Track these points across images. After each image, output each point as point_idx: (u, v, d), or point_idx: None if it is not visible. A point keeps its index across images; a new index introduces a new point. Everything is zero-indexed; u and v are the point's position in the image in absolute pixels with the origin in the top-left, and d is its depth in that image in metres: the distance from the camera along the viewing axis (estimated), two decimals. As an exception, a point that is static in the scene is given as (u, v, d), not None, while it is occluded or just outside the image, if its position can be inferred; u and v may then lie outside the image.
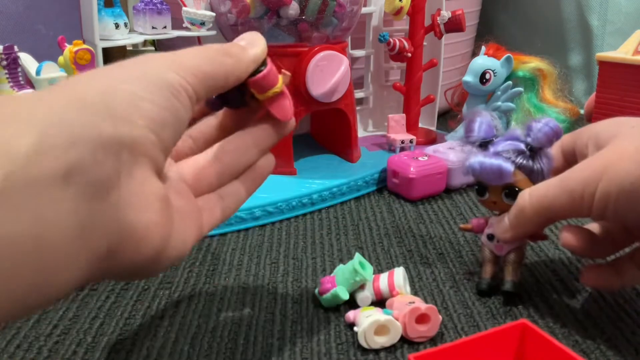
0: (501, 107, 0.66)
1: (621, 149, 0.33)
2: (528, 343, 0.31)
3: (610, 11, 0.94)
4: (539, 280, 0.44)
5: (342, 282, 0.40)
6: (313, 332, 0.38)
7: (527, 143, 0.39)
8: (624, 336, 0.37)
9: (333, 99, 0.61)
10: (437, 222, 0.55)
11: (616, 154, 0.33)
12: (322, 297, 0.40)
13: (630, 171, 0.31)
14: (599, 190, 0.33)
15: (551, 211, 0.36)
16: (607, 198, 0.32)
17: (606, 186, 0.32)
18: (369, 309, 0.37)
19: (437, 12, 0.73)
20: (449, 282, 0.44)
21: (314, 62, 0.59)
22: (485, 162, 0.38)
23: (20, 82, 0.48)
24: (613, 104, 0.68)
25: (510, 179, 0.38)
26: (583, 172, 0.34)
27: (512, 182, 0.38)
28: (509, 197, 0.39)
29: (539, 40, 1.02)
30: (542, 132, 0.38)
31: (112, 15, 0.60)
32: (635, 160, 0.31)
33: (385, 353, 0.36)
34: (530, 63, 0.66)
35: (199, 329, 0.38)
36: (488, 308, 0.40)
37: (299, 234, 0.53)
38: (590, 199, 0.33)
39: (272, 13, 0.60)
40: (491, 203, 0.40)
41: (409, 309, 0.36)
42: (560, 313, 0.40)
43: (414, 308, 0.36)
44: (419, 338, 0.36)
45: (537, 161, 0.38)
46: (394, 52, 0.72)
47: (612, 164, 0.32)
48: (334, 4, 0.60)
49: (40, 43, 0.84)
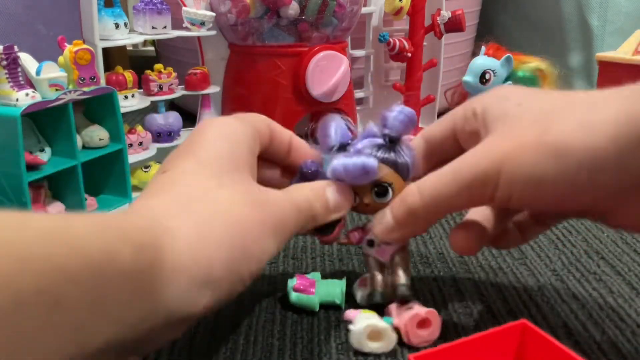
0: (501, 107, 0.66)
1: (518, 137, 0.30)
2: (528, 343, 0.31)
3: (610, 11, 0.94)
4: (539, 280, 0.44)
5: (319, 293, 0.40)
6: (313, 332, 0.38)
7: (385, 135, 0.37)
8: (624, 336, 0.37)
9: (333, 99, 0.61)
10: (437, 222, 0.55)
11: (514, 142, 0.30)
12: (295, 294, 0.40)
13: (534, 163, 0.29)
14: (501, 184, 0.30)
15: (447, 207, 0.33)
16: (510, 191, 0.30)
17: (509, 179, 0.30)
18: (369, 312, 0.37)
19: (437, 12, 0.73)
20: (448, 282, 0.44)
21: (314, 62, 0.59)
22: (348, 163, 0.35)
23: (20, 82, 0.48)
24: (613, 104, 0.68)
25: (377, 175, 0.35)
26: (479, 164, 0.31)
27: (380, 177, 0.36)
28: (380, 195, 0.36)
29: (539, 40, 1.02)
30: (398, 120, 0.36)
31: (112, 15, 0.60)
32: (539, 151, 0.29)
33: (386, 353, 0.35)
34: (530, 63, 0.66)
35: (199, 329, 0.38)
36: (488, 308, 0.40)
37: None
38: (490, 192, 0.31)
39: (272, 13, 0.60)
40: (364, 206, 0.37)
41: (409, 315, 0.35)
42: (560, 313, 0.40)
43: (414, 314, 0.35)
44: (421, 343, 0.36)
45: (399, 152, 0.36)
46: (394, 52, 0.72)
47: (512, 155, 0.30)
48: (334, 4, 0.60)
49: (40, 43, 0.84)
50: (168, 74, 0.65)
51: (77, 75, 0.52)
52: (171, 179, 0.29)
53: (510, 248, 0.39)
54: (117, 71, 0.61)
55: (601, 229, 0.53)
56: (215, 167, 0.30)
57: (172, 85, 0.65)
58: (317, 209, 0.33)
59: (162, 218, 0.26)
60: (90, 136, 0.54)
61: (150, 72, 0.64)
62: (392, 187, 0.36)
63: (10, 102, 0.47)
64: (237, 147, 0.32)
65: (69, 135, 0.51)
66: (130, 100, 0.61)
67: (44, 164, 0.50)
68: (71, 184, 0.52)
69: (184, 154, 0.31)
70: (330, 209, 0.34)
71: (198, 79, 0.67)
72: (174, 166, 0.30)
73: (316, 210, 0.33)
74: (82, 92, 0.51)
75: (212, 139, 0.31)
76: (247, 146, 0.32)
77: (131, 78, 0.61)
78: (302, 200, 0.32)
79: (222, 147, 0.31)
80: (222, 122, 0.33)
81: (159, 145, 0.63)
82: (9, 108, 0.46)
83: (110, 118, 0.55)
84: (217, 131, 0.32)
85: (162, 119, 0.64)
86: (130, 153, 0.59)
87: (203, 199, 0.28)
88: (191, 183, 0.29)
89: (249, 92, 0.66)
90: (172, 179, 0.29)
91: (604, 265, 0.46)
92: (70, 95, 0.50)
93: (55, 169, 0.50)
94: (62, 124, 0.51)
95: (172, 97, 0.65)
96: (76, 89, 0.50)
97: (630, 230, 0.42)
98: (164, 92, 0.64)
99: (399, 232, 0.35)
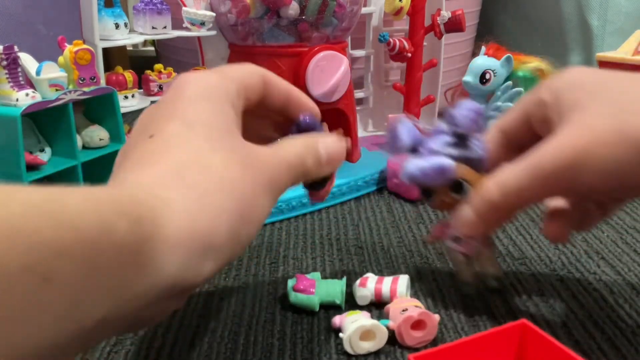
0: (501, 107, 0.66)
1: (597, 130, 0.31)
2: (528, 343, 0.31)
3: (610, 11, 0.94)
4: (539, 280, 0.44)
5: (319, 293, 0.40)
6: (313, 332, 0.38)
7: (455, 132, 0.37)
8: (624, 336, 0.37)
9: (333, 99, 0.61)
10: (437, 222, 0.55)
11: (593, 135, 0.31)
12: (295, 294, 0.40)
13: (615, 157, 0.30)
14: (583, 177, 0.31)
15: (527, 199, 0.34)
16: (591, 183, 0.31)
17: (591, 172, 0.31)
18: (354, 313, 0.37)
19: (437, 12, 0.73)
20: (448, 282, 0.44)
21: (314, 62, 0.59)
22: (425, 165, 0.36)
23: (20, 82, 0.48)
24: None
25: (454, 174, 0.36)
26: (559, 157, 0.32)
27: (457, 175, 0.36)
28: (458, 192, 0.36)
29: (539, 40, 1.02)
30: (467, 117, 0.36)
31: (112, 15, 0.60)
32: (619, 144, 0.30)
33: (385, 353, 0.36)
34: (530, 63, 0.66)
35: (199, 329, 0.38)
36: (488, 308, 0.40)
37: (299, 234, 0.53)
38: (571, 185, 0.32)
39: (272, 13, 0.60)
40: (441, 203, 0.38)
41: (402, 318, 0.35)
42: (560, 313, 0.40)
43: (407, 317, 0.35)
44: (418, 344, 0.36)
45: (471, 147, 0.37)
46: (394, 52, 0.72)
47: (592, 149, 0.31)
48: (334, 4, 0.60)
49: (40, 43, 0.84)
50: (168, 74, 0.65)
51: (77, 75, 0.52)
52: (161, 144, 0.28)
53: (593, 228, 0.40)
54: (117, 71, 0.61)
55: (601, 229, 0.53)
56: (204, 130, 0.29)
57: (172, 85, 0.65)
58: (309, 164, 0.32)
59: (156, 188, 0.25)
60: (91, 136, 0.54)
61: (150, 72, 0.64)
62: (469, 183, 0.36)
63: (10, 102, 0.47)
64: (221, 106, 0.30)
65: (69, 135, 0.51)
66: (130, 100, 0.61)
67: (44, 164, 0.50)
68: (71, 184, 0.52)
69: (167, 116, 0.29)
70: (322, 163, 0.33)
71: (198, 79, 0.67)
72: (160, 130, 0.29)
73: (308, 165, 0.32)
74: (82, 92, 0.51)
75: (195, 98, 0.30)
76: (230, 104, 0.31)
77: (131, 78, 0.61)
78: (293, 155, 0.31)
79: (206, 107, 0.30)
80: (202, 78, 0.31)
81: (159, 145, 0.63)
82: (9, 108, 0.46)
83: (111, 118, 0.55)
84: (199, 89, 0.30)
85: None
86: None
87: (197, 165, 0.27)
88: (182, 148, 0.28)
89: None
90: (162, 145, 0.28)
91: (604, 265, 0.46)
92: (70, 95, 0.50)
93: (56, 169, 0.50)
94: (62, 124, 0.51)
95: (172, 97, 0.65)
96: (76, 89, 0.50)
97: None
98: (164, 92, 0.64)
99: (481, 226, 0.36)
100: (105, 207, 0.22)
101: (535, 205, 0.59)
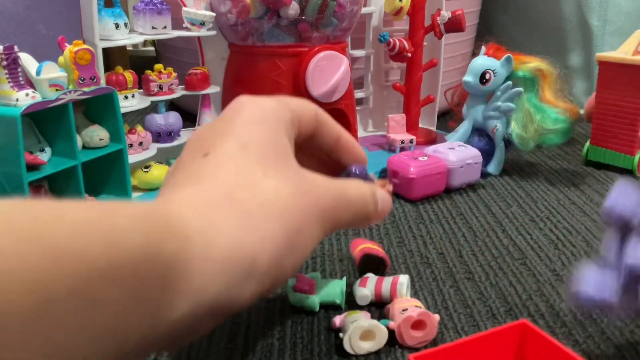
0: (501, 107, 0.66)
1: None
2: (528, 343, 0.31)
3: (610, 11, 0.94)
4: (539, 280, 0.44)
5: (319, 293, 0.40)
6: (313, 332, 0.38)
7: None
8: (624, 336, 0.37)
9: (333, 99, 0.61)
10: (437, 222, 0.55)
11: None
12: (294, 293, 0.40)
13: None
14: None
15: None
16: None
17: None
18: (354, 313, 0.37)
19: (437, 12, 0.73)
20: (449, 282, 0.44)
21: (314, 62, 0.59)
22: None
23: (20, 82, 0.48)
24: (613, 104, 0.68)
25: None
26: None
27: None
28: None
29: (539, 40, 1.02)
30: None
31: (112, 15, 0.60)
32: None
33: (385, 353, 0.36)
34: (530, 63, 0.66)
35: (199, 329, 0.38)
36: (488, 308, 0.40)
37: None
38: None
39: (272, 13, 0.60)
40: None
41: (402, 318, 0.36)
42: (560, 313, 0.40)
43: (406, 317, 0.35)
44: (418, 344, 0.36)
45: None
46: (394, 52, 0.72)
47: None
48: (334, 4, 0.60)
49: (40, 43, 0.84)
50: (168, 74, 0.65)
51: (77, 75, 0.52)
52: (214, 164, 0.28)
53: None
54: (117, 71, 0.61)
55: (601, 229, 0.53)
56: (258, 153, 0.28)
57: (172, 86, 0.65)
58: (370, 208, 0.32)
59: (205, 208, 0.25)
60: (90, 136, 0.54)
61: (150, 72, 0.64)
62: None
63: (10, 102, 0.47)
64: (277, 131, 0.30)
65: (69, 135, 0.51)
66: (130, 100, 0.61)
67: (44, 164, 0.50)
68: (71, 184, 0.52)
69: (223, 135, 0.29)
70: (378, 212, 0.33)
71: (198, 79, 0.67)
72: (215, 148, 0.29)
73: (369, 209, 0.32)
74: (82, 92, 0.51)
75: (251, 121, 0.30)
76: (285, 130, 0.31)
77: (131, 78, 0.61)
78: (357, 194, 0.32)
79: (262, 130, 0.30)
80: (259, 102, 0.31)
81: (159, 145, 0.63)
82: (9, 108, 0.46)
83: (111, 118, 0.55)
84: (255, 112, 0.30)
85: (162, 119, 0.64)
86: (130, 153, 0.59)
87: (247, 188, 0.27)
88: (235, 170, 0.28)
89: (249, 93, 0.65)
90: (214, 164, 0.28)
91: (604, 265, 0.46)
92: (70, 95, 0.50)
93: (56, 169, 0.50)
94: (62, 124, 0.51)
95: (172, 97, 0.65)
96: (76, 89, 0.50)
97: None
98: (164, 92, 0.64)
99: None
100: (153, 227, 0.22)
101: (535, 205, 0.59)
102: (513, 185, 0.65)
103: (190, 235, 0.23)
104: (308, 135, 0.34)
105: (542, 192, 0.63)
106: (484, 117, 0.68)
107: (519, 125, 0.65)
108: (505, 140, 0.67)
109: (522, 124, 0.65)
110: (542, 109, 0.65)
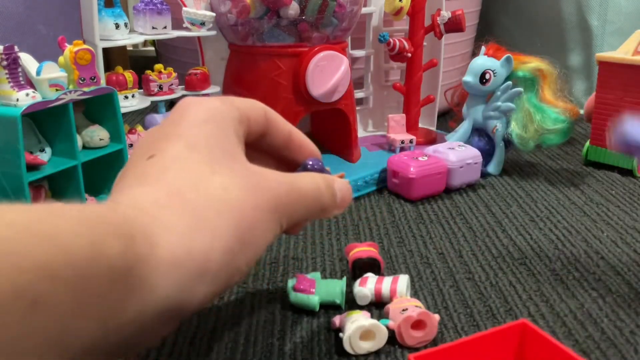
0: (501, 107, 0.66)
1: None
2: (528, 343, 0.31)
3: (610, 11, 0.94)
4: (539, 280, 0.44)
5: (319, 293, 0.40)
6: (313, 332, 0.38)
7: None
8: (624, 336, 0.37)
9: (333, 99, 0.61)
10: (437, 222, 0.55)
11: None
12: (294, 294, 0.40)
13: None
14: None
15: None
16: None
17: None
18: (354, 313, 0.37)
19: (437, 12, 0.73)
20: (449, 282, 0.44)
21: (314, 62, 0.59)
22: None
23: (20, 82, 0.47)
24: (613, 104, 0.68)
25: None
26: None
27: None
28: None
29: (539, 40, 1.02)
30: None
31: (112, 15, 0.60)
32: None
33: (385, 353, 0.36)
34: (530, 63, 0.66)
35: (199, 329, 0.38)
36: (488, 308, 0.40)
37: (299, 234, 0.53)
38: None
39: (272, 13, 0.60)
40: None
41: (402, 318, 0.36)
42: (560, 313, 0.40)
43: (407, 317, 0.35)
44: (418, 344, 0.36)
45: None
46: (394, 52, 0.72)
47: None
48: (334, 4, 0.60)
49: (40, 43, 0.84)
50: (168, 74, 0.65)
51: (78, 75, 0.52)
52: (160, 165, 0.28)
53: None
54: (117, 71, 0.61)
55: (601, 229, 0.53)
56: (205, 152, 0.28)
57: (172, 86, 0.65)
58: (325, 199, 0.32)
59: (152, 208, 0.25)
60: (91, 136, 0.54)
61: (150, 72, 0.64)
62: None
63: (10, 102, 0.47)
64: (224, 130, 0.30)
65: (69, 135, 0.51)
66: (131, 100, 0.61)
67: (44, 164, 0.50)
68: (71, 184, 0.52)
69: (169, 137, 0.29)
70: (337, 203, 0.33)
71: (198, 79, 0.67)
72: (160, 150, 0.28)
73: (324, 200, 0.32)
74: (83, 92, 0.51)
75: (198, 121, 0.29)
76: (233, 128, 0.31)
77: (131, 78, 0.61)
78: (311, 186, 0.31)
79: (209, 129, 0.29)
80: (205, 101, 0.31)
81: (159, 145, 0.63)
82: (9, 108, 0.46)
83: (111, 118, 0.55)
84: (201, 112, 0.30)
85: (162, 119, 0.64)
86: (131, 153, 0.59)
87: (195, 187, 0.26)
88: (181, 170, 0.27)
89: (249, 92, 0.66)
90: (161, 165, 0.27)
91: (604, 265, 0.46)
92: (71, 95, 0.50)
93: (56, 169, 0.50)
94: (62, 124, 0.51)
95: (172, 97, 0.65)
96: (76, 89, 0.50)
97: None
98: (164, 92, 0.64)
99: None
100: (97, 229, 0.21)
101: (535, 205, 0.59)
102: (513, 185, 0.65)
103: (135, 236, 0.22)
104: (259, 133, 0.33)
105: (542, 192, 0.63)
106: (484, 117, 0.68)
107: (519, 125, 0.65)
108: (505, 140, 0.67)
109: (522, 124, 0.65)
110: (542, 109, 0.65)
